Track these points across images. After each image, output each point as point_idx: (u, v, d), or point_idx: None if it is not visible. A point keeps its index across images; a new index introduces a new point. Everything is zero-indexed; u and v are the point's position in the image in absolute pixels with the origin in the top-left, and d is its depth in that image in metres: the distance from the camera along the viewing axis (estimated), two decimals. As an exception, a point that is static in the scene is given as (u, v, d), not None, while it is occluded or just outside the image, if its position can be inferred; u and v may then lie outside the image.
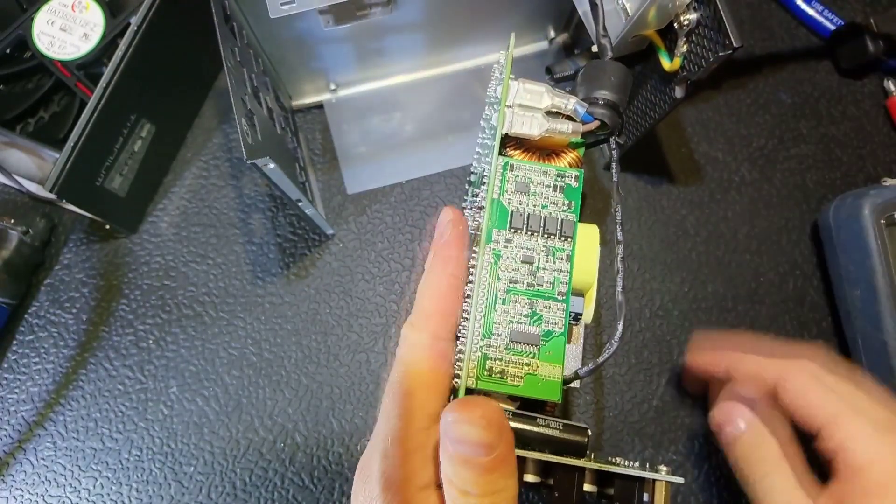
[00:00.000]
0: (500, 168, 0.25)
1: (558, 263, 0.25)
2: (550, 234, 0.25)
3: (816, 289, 0.40)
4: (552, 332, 0.24)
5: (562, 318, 0.24)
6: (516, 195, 0.25)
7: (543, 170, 0.26)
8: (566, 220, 0.25)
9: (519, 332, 0.24)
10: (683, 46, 0.30)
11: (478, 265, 0.24)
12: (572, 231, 0.25)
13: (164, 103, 0.39)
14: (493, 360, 0.23)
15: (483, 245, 0.24)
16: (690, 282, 0.39)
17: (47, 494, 0.36)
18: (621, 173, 0.41)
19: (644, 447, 0.37)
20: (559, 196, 0.25)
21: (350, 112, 0.42)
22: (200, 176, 0.41)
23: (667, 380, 0.38)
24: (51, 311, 0.39)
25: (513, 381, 0.23)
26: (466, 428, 0.21)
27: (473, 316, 0.24)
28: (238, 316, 0.39)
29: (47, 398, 0.37)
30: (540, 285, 0.24)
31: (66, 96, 0.37)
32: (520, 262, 0.24)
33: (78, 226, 0.40)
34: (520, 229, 0.25)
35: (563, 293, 0.24)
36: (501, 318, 0.24)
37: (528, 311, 0.24)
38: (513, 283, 0.24)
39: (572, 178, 0.26)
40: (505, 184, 0.25)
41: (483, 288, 0.24)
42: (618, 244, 0.26)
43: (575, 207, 0.25)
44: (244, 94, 0.32)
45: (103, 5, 0.37)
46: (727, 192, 0.41)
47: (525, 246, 0.25)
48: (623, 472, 0.24)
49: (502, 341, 0.24)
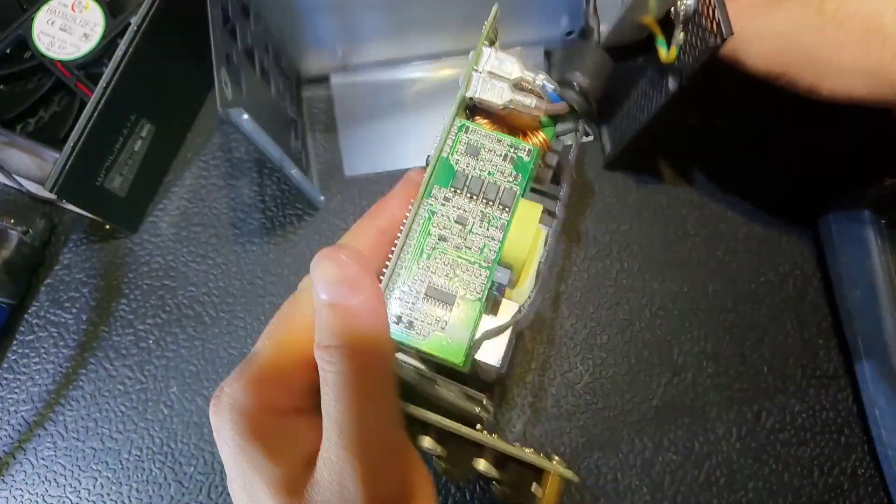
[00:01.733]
0: (455, 128, 0.25)
1: (491, 231, 0.24)
2: (489, 201, 0.24)
3: (816, 289, 0.40)
4: (469, 296, 0.23)
5: (482, 284, 0.23)
6: (465, 157, 0.25)
7: (498, 138, 0.25)
8: (509, 190, 0.25)
9: (436, 288, 0.23)
10: (680, 36, 0.29)
11: (410, 216, 0.24)
12: (512, 202, 0.24)
13: (164, 103, 0.39)
14: (404, 309, 0.23)
15: (420, 199, 0.24)
16: (690, 282, 0.39)
17: (47, 494, 0.36)
18: (621, 173, 0.41)
19: (644, 447, 0.37)
20: (508, 166, 0.25)
21: (358, 91, 0.41)
22: (200, 176, 0.41)
23: (667, 380, 0.38)
24: (51, 311, 0.39)
25: (420, 335, 0.23)
26: (329, 265, 0.21)
27: (394, 263, 0.23)
28: (238, 316, 0.39)
29: (47, 398, 0.37)
30: (468, 248, 0.24)
31: (66, 96, 0.37)
32: (453, 222, 0.24)
33: (78, 226, 0.40)
34: (460, 190, 0.24)
35: (490, 261, 0.24)
36: (422, 271, 0.23)
37: (449, 271, 0.24)
38: (441, 241, 0.24)
39: (525, 151, 0.25)
40: (457, 144, 0.25)
41: (412, 239, 0.24)
42: (554, 220, 0.26)
43: (521, 181, 0.25)
44: (232, 49, 0.31)
45: (103, 5, 0.37)
46: (728, 192, 0.41)
47: (462, 208, 0.24)
48: (515, 454, 0.23)
49: (418, 294, 0.23)
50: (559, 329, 0.38)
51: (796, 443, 0.37)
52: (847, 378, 0.38)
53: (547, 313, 0.39)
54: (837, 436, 0.37)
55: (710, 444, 0.37)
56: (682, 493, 0.36)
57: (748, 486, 0.36)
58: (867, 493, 0.36)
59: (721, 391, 0.38)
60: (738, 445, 0.37)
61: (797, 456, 0.37)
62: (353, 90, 0.42)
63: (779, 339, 0.39)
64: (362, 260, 0.22)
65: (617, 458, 0.37)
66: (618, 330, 0.39)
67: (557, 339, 0.38)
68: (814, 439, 0.37)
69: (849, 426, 0.37)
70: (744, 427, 0.37)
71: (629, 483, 0.36)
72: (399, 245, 0.23)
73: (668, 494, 0.36)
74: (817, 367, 0.38)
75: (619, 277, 0.39)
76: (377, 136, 0.41)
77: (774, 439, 0.37)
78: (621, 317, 0.39)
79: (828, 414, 0.38)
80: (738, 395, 0.38)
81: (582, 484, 0.36)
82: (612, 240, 0.40)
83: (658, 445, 0.37)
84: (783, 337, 0.39)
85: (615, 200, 0.41)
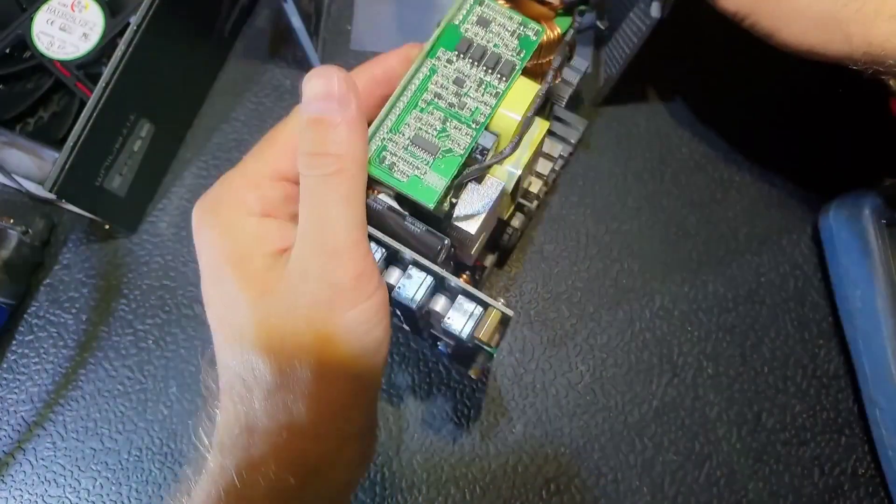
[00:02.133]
0: (470, 0, 0.26)
1: (486, 97, 0.26)
2: (489, 69, 0.26)
3: (817, 289, 0.40)
4: (452, 150, 0.25)
5: (467, 142, 0.25)
6: (474, 26, 0.26)
7: (510, 15, 0.26)
8: (509, 61, 0.26)
9: (423, 138, 0.25)
10: None
11: (411, 70, 0.25)
12: (510, 73, 0.26)
13: (163, 103, 0.39)
14: (389, 152, 0.25)
15: (424, 56, 0.26)
16: (690, 282, 0.39)
17: (47, 495, 0.36)
18: (622, 174, 0.41)
19: (644, 447, 0.37)
20: (514, 41, 0.26)
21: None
22: (200, 176, 0.41)
23: (667, 380, 0.38)
24: (50, 311, 0.39)
25: (399, 175, 0.24)
26: (318, 82, 0.22)
27: (388, 110, 0.25)
28: (238, 316, 0.39)
29: (47, 398, 0.37)
30: (461, 108, 0.25)
31: (65, 96, 0.37)
32: (451, 82, 0.26)
33: (77, 226, 0.40)
34: (463, 55, 0.26)
35: (479, 123, 0.25)
36: (413, 122, 0.25)
37: (439, 126, 0.25)
38: (436, 98, 0.25)
39: (533, 31, 0.26)
40: (470, 14, 0.26)
41: (409, 92, 0.25)
42: (544, 82, 0.26)
43: (523, 57, 0.26)
44: None
45: (103, 5, 0.37)
46: (728, 192, 0.41)
47: (462, 71, 0.26)
48: (466, 287, 0.25)
49: (405, 141, 0.25)
50: (559, 329, 0.38)
51: (797, 443, 0.37)
52: (847, 378, 0.38)
53: (547, 313, 0.39)
54: (838, 436, 0.37)
55: (710, 444, 0.37)
56: (683, 494, 0.36)
57: (748, 486, 0.36)
58: (867, 493, 0.36)
59: (721, 391, 0.38)
60: (739, 446, 0.37)
61: (797, 456, 0.37)
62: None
63: (779, 339, 0.39)
64: (350, 82, 0.23)
65: (617, 458, 0.37)
66: (618, 330, 0.39)
67: (557, 339, 0.38)
68: (814, 439, 0.37)
69: (849, 426, 0.37)
70: (744, 427, 0.37)
71: (629, 483, 0.36)
72: (395, 94, 0.25)
73: (668, 495, 0.36)
74: (818, 368, 0.38)
75: (619, 277, 0.39)
76: (392, 10, 0.40)
77: (775, 439, 0.37)
78: (621, 317, 0.39)
79: (828, 414, 0.38)
80: (738, 395, 0.38)
81: (582, 484, 0.36)
82: (612, 240, 0.40)
83: (658, 446, 0.37)
84: (783, 337, 0.39)
85: (615, 199, 0.41)
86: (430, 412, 0.37)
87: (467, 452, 0.37)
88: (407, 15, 0.40)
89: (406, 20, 0.40)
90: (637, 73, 0.38)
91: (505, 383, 0.38)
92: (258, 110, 0.42)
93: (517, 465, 0.36)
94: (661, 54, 0.37)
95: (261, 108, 0.42)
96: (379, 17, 0.40)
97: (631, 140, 0.42)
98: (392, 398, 0.37)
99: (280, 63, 0.43)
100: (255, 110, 0.42)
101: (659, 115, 0.42)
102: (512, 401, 0.37)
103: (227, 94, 0.43)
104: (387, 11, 0.40)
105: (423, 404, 0.37)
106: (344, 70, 0.23)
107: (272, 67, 0.43)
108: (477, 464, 0.36)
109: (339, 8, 0.41)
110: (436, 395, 0.37)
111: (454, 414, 0.37)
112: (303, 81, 0.23)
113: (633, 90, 0.42)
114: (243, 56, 0.43)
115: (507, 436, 0.37)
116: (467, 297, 0.25)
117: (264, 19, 0.44)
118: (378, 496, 0.36)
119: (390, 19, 0.40)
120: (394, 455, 0.36)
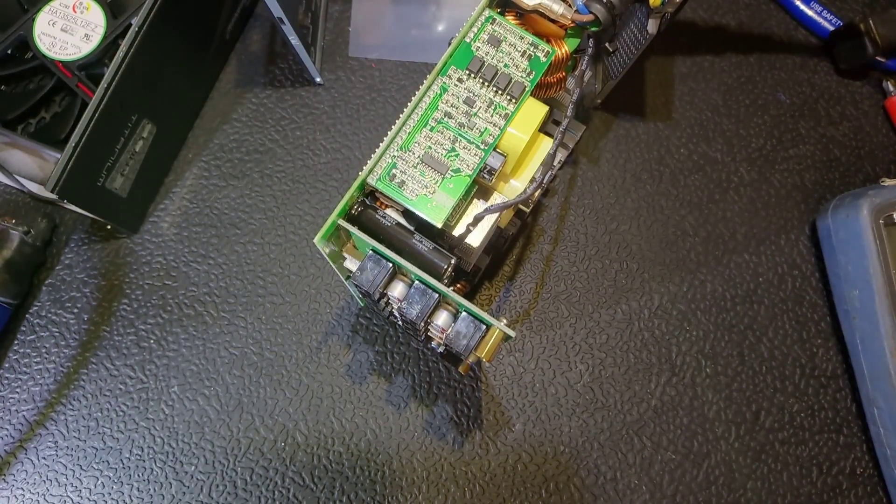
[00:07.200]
0: (483, 18, 0.26)
1: (495, 118, 0.26)
2: (499, 90, 0.26)
3: (815, 289, 0.40)
4: (461, 170, 0.25)
5: (476, 163, 0.25)
6: (485, 45, 0.26)
7: (521, 35, 0.27)
8: (519, 82, 0.26)
9: (432, 157, 0.25)
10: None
11: (422, 88, 0.25)
12: (520, 95, 0.26)
13: (165, 103, 0.39)
14: (399, 170, 0.25)
15: (435, 74, 0.26)
16: (689, 281, 0.40)
17: (48, 494, 0.36)
18: (620, 175, 0.42)
19: (643, 446, 0.37)
20: (524, 62, 0.26)
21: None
22: (202, 176, 0.41)
23: (666, 379, 0.38)
24: (52, 310, 0.39)
25: (408, 193, 0.25)
26: None
27: (399, 128, 0.25)
28: (239, 316, 0.39)
29: (48, 398, 0.38)
30: (470, 128, 0.25)
31: (67, 97, 0.38)
32: (461, 102, 0.26)
33: (79, 226, 0.40)
34: (474, 74, 0.26)
35: (488, 144, 0.25)
36: (424, 140, 0.25)
37: (449, 146, 0.25)
38: (447, 117, 0.25)
39: (543, 52, 0.26)
40: (481, 33, 0.26)
41: (420, 109, 0.25)
42: (565, 114, 0.26)
43: (533, 78, 0.26)
44: None
45: (104, 6, 0.37)
46: (726, 192, 0.41)
47: (473, 91, 0.26)
48: (468, 306, 0.24)
49: (415, 159, 0.25)
50: (559, 329, 0.39)
51: (795, 442, 0.37)
52: (845, 377, 0.38)
53: (546, 313, 0.39)
54: (836, 435, 0.37)
55: (708, 443, 0.37)
56: (681, 493, 0.36)
57: (747, 485, 0.37)
58: (866, 492, 0.37)
59: (720, 391, 0.38)
60: (737, 445, 0.37)
61: (796, 455, 0.37)
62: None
63: (777, 338, 0.39)
64: None
65: (616, 457, 0.37)
66: (617, 330, 0.39)
67: (557, 339, 0.38)
68: (812, 439, 0.37)
69: (847, 426, 0.38)
70: (742, 426, 0.37)
71: (628, 482, 0.36)
72: (406, 112, 0.25)
73: (666, 494, 0.36)
74: (816, 367, 0.38)
75: (618, 277, 0.40)
76: (390, 18, 0.41)
77: (773, 439, 0.37)
78: (620, 317, 0.39)
79: (826, 413, 0.38)
80: (736, 394, 0.38)
81: (581, 482, 0.36)
82: (612, 240, 0.40)
83: (657, 445, 0.37)
84: (782, 337, 0.39)
85: (614, 200, 0.41)
86: (430, 411, 0.37)
87: (467, 451, 0.37)
88: (405, 22, 0.41)
89: (404, 27, 0.41)
90: (635, 74, 0.38)
91: (504, 382, 0.38)
92: (259, 111, 0.42)
93: (517, 464, 0.37)
94: (660, 54, 0.37)
95: (262, 108, 0.42)
96: (377, 23, 0.40)
97: (629, 141, 0.42)
98: (392, 397, 0.37)
99: (281, 64, 0.43)
100: (257, 111, 0.42)
101: (657, 116, 0.42)
102: (511, 400, 0.37)
103: (229, 95, 0.43)
104: (385, 18, 0.41)
105: (423, 403, 0.37)
106: None
107: (273, 68, 0.43)
108: (477, 462, 0.37)
109: (339, 9, 0.41)
110: (436, 395, 0.37)
111: (454, 413, 0.37)
112: None
113: (632, 91, 0.42)
114: (244, 57, 0.44)
115: (506, 435, 0.37)
116: (471, 316, 0.25)
117: (265, 20, 0.44)
118: (378, 495, 0.36)
119: (388, 26, 0.41)
120: (394, 454, 0.37)
